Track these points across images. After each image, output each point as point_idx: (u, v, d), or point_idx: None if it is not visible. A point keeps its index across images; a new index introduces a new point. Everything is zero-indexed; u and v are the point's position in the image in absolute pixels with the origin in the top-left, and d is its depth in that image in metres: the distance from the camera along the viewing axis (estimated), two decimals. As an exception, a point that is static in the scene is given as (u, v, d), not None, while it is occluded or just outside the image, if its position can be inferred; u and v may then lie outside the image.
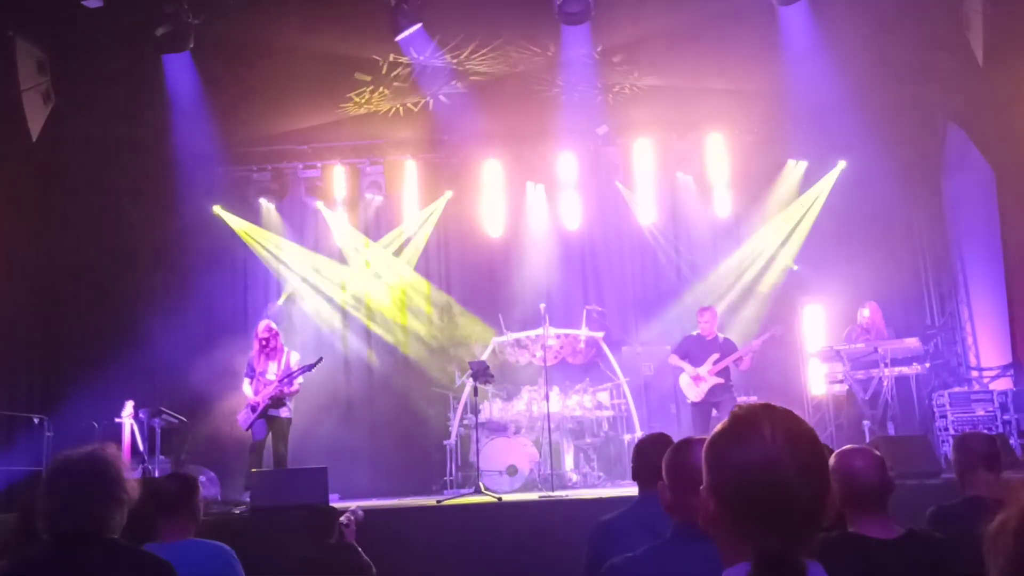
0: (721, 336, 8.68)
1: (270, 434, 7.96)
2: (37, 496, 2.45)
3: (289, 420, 8.07)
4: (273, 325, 8.26)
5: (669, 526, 2.27)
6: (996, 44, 8.01)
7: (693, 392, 8.44)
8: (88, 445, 2.52)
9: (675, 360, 8.65)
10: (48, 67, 8.42)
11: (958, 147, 9.84)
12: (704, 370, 8.38)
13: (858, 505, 2.66)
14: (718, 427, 1.39)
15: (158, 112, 8.98)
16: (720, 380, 8.38)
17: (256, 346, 8.16)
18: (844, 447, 2.83)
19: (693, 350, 8.54)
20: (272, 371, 8.04)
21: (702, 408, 8.41)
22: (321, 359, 8.34)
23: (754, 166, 10.64)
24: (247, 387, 8.10)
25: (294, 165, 11.04)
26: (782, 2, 7.91)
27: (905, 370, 8.92)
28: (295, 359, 8.13)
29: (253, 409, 7.92)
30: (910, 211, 10.39)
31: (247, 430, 8.02)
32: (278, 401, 7.94)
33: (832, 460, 2.66)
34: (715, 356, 8.40)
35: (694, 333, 8.73)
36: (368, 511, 5.84)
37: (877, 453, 2.79)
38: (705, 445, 1.39)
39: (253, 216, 10.98)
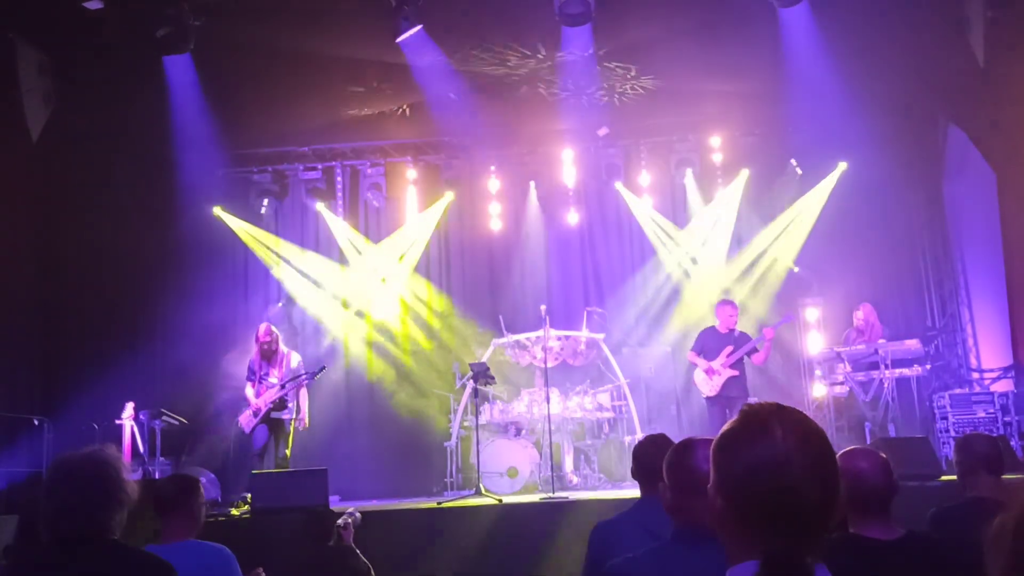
0: (737, 331, 8.47)
1: (272, 436, 7.97)
2: (37, 497, 2.45)
3: (291, 422, 8.07)
4: (274, 328, 8.27)
5: (670, 528, 2.27)
6: (996, 45, 8.01)
7: (707, 386, 8.28)
8: (88, 446, 2.51)
9: (692, 357, 8.50)
10: (49, 68, 8.42)
11: (959, 148, 9.83)
12: (718, 363, 8.22)
13: (862, 507, 2.63)
14: (727, 425, 1.37)
15: (158, 114, 8.98)
16: (735, 372, 8.20)
17: (257, 349, 8.17)
18: (849, 448, 2.81)
19: (708, 344, 8.38)
20: (274, 374, 8.05)
21: (718, 402, 8.23)
22: (324, 368, 8.34)
23: (755, 168, 10.64)
24: (249, 390, 8.11)
25: (295, 167, 11.05)
26: (783, 4, 7.91)
27: (906, 372, 8.90)
28: (296, 360, 8.14)
29: (255, 413, 7.92)
30: (911, 212, 10.37)
31: (249, 433, 8.03)
32: (280, 404, 7.95)
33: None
34: (729, 348, 8.26)
35: (711, 326, 8.58)
36: (369, 513, 5.84)
37: (882, 455, 2.77)
38: (714, 443, 1.37)
39: (254, 218, 10.97)
